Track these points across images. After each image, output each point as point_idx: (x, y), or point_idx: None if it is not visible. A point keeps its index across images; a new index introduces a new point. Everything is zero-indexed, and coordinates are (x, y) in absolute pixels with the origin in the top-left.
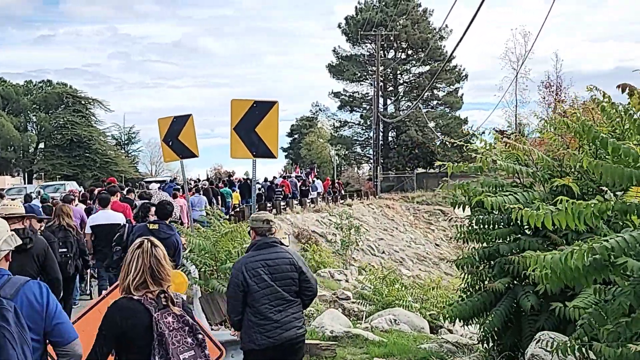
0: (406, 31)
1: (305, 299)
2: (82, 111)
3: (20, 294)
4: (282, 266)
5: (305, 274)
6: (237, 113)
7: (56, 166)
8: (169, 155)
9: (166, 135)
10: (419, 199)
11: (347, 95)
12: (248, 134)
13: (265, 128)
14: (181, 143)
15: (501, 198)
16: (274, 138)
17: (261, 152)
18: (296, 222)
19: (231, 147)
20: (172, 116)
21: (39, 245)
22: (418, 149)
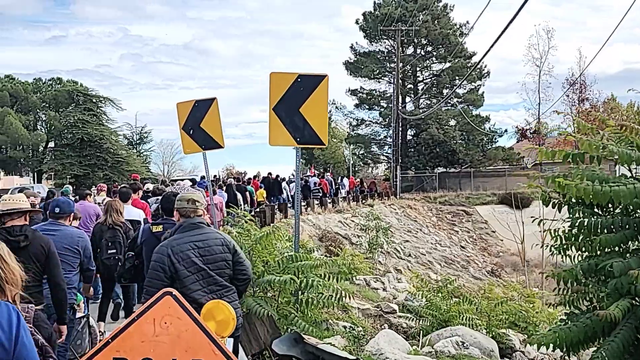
0: (426, 27)
1: (238, 284)
2: (93, 110)
3: None
4: (213, 247)
5: (239, 255)
6: (277, 90)
7: (66, 166)
8: (189, 145)
9: (186, 122)
10: (441, 199)
11: (365, 92)
12: (290, 116)
13: (311, 108)
14: (204, 132)
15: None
16: (323, 120)
17: (306, 139)
18: (318, 223)
19: (270, 133)
20: (193, 100)
21: (37, 244)
22: (439, 147)
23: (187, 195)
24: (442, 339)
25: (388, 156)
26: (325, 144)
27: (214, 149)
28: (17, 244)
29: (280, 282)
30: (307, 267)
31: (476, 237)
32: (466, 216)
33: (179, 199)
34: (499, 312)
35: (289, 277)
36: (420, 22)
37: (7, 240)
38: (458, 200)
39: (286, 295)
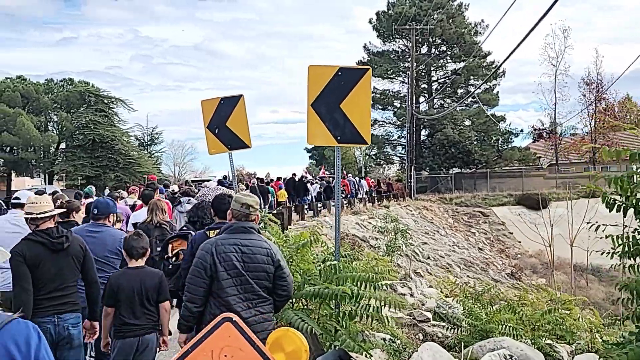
0: (441, 26)
1: (277, 299)
2: (105, 110)
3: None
4: (257, 255)
5: (283, 269)
6: (316, 84)
7: (78, 167)
8: (214, 146)
9: (211, 121)
10: (457, 200)
11: (379, 92)
12: (331, 112)
13: (352, 104)
14: (230, 131)
15: None
16: (365, 117)
17: (347, 137)
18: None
19: (308, 131)
20: (218, 97)
21: (76, 244)
22: (454, 147)
23: (243, 199)
24: (486, 352)
25: (401, 157)
26: (368, 143)
27: (241, 149)
28: (61, 246)
29: (327, 294)
30: (357, 278)
31: (493, 238)
32: (483, 217)
33: (235, 200)
34: (546, 322)
35: (339, 288)
36: (434, 21)
37: (51, 242)
38: (474, 201)
39: (327, 307)
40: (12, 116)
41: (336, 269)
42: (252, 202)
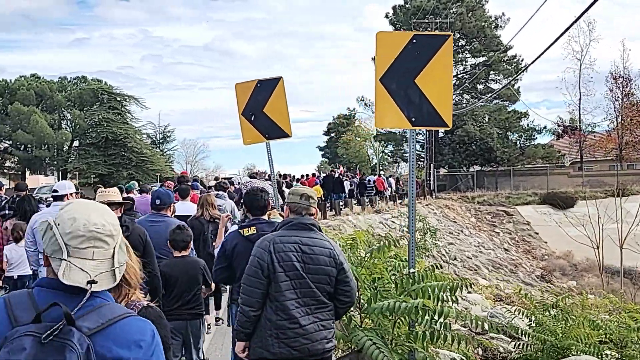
0: (461, 19)
1: (339, 305)
2: (118, 108)
3: (109, 332)
4: (319, 257)
5: (346, 273)
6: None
7: (91, 165)
8: (250, 135)
9: (246, 107)
10: (479, 199)
11: None
12: (403, 89)
13: (430, 78)
14: (267, 118)
15: None
16: (446, 95)
17: (424, 119)
18: (359, 224)
19: (376, 111)
20: (254, 80)
21: (136, 235)
22: (475, 145)
23: (301, 190)
24: None
25: (419, 154)
26: (449, 125)
27: (280, 139)
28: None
29: (407, 309)
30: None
31: (518, 239)
32: (507, 217)
33: (291, 192)
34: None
35: (419, 301)
36: (454, 14)
37: None
38: (497, 200)
39: (402, 325)
40: (26, 114)
41: (415, 278)
42: (311, 193)
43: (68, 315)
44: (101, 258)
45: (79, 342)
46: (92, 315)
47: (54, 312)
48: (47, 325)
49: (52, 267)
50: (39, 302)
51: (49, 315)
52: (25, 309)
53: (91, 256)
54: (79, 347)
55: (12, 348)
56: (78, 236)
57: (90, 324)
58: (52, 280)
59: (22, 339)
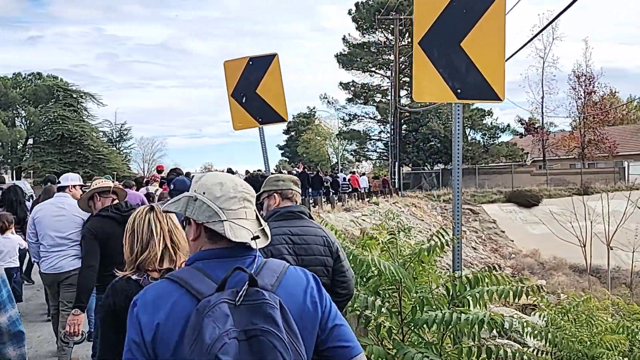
0: None
1: (337, 299)
2: (74, 105)
3: (283, 285)
4: (312, 246)
5: (342, 262)
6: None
7: (46, 163)
8: (240, 118)
9: (237, 87)
10: (445, 197)
11: (360, 85)
12: (446, 54)
13: (479, 42)
14: (261, 99)
15: None
16: (497, 60)
17: (472, 91)
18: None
19: (414, 83)
20: (246, 57)
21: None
22: (440, 143)
23: (287, 176)
24: None
25: (380, 152)
26: (502, 99)
27: (275, 123)
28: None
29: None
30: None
31: (485, 237)
32: (473, 215)
33: (280, 179)
34: None
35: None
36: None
37: (121, 216)
38: (463, 198)
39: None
40: None
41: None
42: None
43: (251, 277)
44: (251, 218)
45: (272, 298)
46: (265, 272)
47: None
48: (232, 291)
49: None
50: (210, 273)
51: (232, 281)
52: (201, 282)
53: (245, 216)
54: (275, 303)
55: (215, 317)
56: (230, 198)
57: (269, 280)
58: (214, 250)
59: (219, 306)
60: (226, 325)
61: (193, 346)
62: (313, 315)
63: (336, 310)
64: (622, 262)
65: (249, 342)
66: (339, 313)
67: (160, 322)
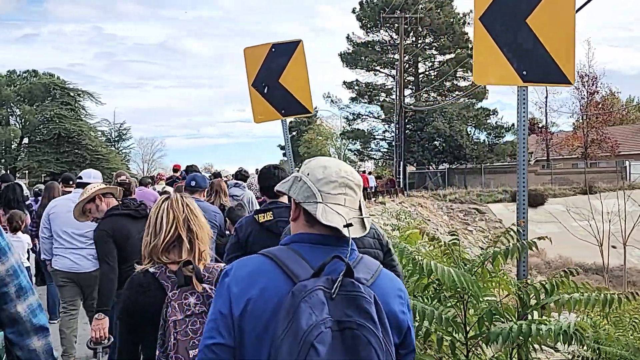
0: (429, 15)
1: None
2: (71, 104)
3: (377, 284)
4: (364, 239)
5: (392, 256)
6: None
7: (42, 163)
8: (262, 110)
9: (258, 76)
10: (450, 197)
11: (364, 84)
12: (512, 29)
13: (546, 18)
14: (284, 90)
15: None
16: (568, 44)
17: (538, 74)
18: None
19: (475, 64)
20: (268, 43)
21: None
22: (445, 142)
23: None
24: None
25: (384, 152)
26: (572, 82)
27: (299, 115)
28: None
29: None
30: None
31: (491, 237)
32: (479, 215)
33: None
34: None
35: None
36: (423, 10)
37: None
38: (469, 198)
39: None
40: None
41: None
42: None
43: (349, 267)
44: (351, 206)
45: (367, 292)
46: (361, 266)
47: (329, 266)
48: (327, 278)
49: (307, 212)
50: (305, 256)
51: (326, 269)
52: (297, 264)
53: (343, 202)
54: (370, 298)
55: (312, 303)
56: (330, 182)
57: (364, 274)
58: (313, 235)
59: (316, 292)
60: (323, 314)
61: (286, 330)
62: (400, 324)
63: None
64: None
65: (341, 333)
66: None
67: (252, 298)
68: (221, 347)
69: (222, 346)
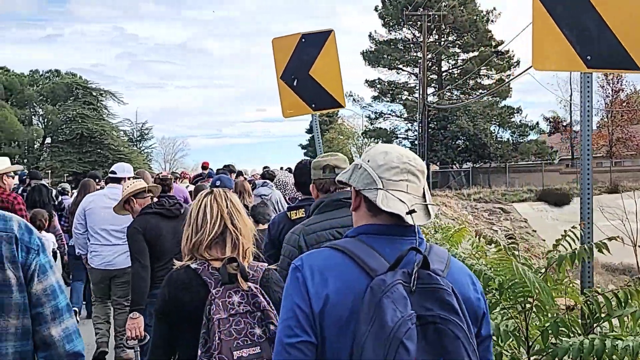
0: (453, 12)
1: None
2: (94, 103)
3: (451, 272)
4: None
5: None
6: None
7: (65, 163)
8: (291, 104)
9: (287, 68)
10: (475, 196)
11: (386, 83)
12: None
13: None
14: (315, 83)
15: None
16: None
17: (603, 58)
18: None
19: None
20: (298, 33)
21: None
22: (469, 141)
23: (324, 161)
24: None
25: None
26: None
27: (330, 109)
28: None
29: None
30: None
31: (517, 236)
32: (504, 214)
33: (312, 167)
34: None
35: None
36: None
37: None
38: (493, 197)
39: None
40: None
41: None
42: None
43: (425, 259)
44: (414, 193)
45: (445, 284)
46: (433, 256)
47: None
48: (404, 272)
49: (368, 200)
50: (377, 248)
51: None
52: (372, 257)
53: (405, 189)
54: (449, 289)
55: (394, 299)
56: (392, 167)
57: (439, 265)
58: (379, 226)
59: (397, 287)
60: (407, 309)
61: (370, 327)
62: (476, 310)
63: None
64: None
65: (423, 328)
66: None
67: (330, 294)
68: (307, 345)
69: (308, 344)
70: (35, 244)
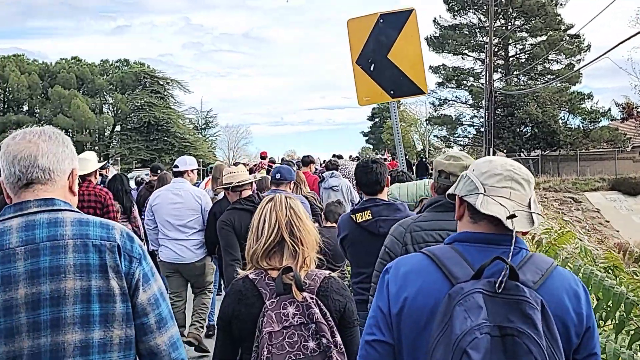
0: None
1: None
2: (161, 92)
3: (547, 284)
4: None
5: None
6: None
7: (133, 150)
8: (367, 91)
9: (363, 53)
10: (544, 185)
11: (451, 69)
12: None
13: None
14: (394, 67)
15: None
16: None
17: None
18: None
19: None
20: (376, 13)
21: None
22: (537, 128)
23: (441, 164)
24: None
25: (472, 137)
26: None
27: (411, 96)
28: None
29: None
30: None
31: (589, 227)
32: (575, 204)
33: (434, 165)
34: None
35: None
36: None
37: (255, 208)
38: (563, 186)
39: None
40: (67, 98)
41: None
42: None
43: (512, 269)
44: (518, 200)
45: (533, 297)
46: (529, 266)
47: (491, 267)
48: (488, 281)
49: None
50: (467, 257)
51: (488, 271)
52: (457, 265)
53: (508, 195)
54: (537, 304)
55: (468, 306)
56: (495, 174)
57: (532, 276)
58: (476, 234)
59: (473, 295)
60: (479, 318)
61: (441, 334)
62: (575, 329)
63: (598, 337)
64: None
65: (502, 339)
66: (599, 340)
67: (408, 296)
68: (381, 344)
69: (383, 343)
70: (137, 252)
